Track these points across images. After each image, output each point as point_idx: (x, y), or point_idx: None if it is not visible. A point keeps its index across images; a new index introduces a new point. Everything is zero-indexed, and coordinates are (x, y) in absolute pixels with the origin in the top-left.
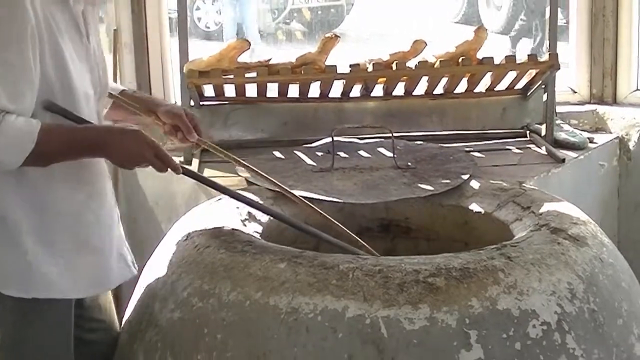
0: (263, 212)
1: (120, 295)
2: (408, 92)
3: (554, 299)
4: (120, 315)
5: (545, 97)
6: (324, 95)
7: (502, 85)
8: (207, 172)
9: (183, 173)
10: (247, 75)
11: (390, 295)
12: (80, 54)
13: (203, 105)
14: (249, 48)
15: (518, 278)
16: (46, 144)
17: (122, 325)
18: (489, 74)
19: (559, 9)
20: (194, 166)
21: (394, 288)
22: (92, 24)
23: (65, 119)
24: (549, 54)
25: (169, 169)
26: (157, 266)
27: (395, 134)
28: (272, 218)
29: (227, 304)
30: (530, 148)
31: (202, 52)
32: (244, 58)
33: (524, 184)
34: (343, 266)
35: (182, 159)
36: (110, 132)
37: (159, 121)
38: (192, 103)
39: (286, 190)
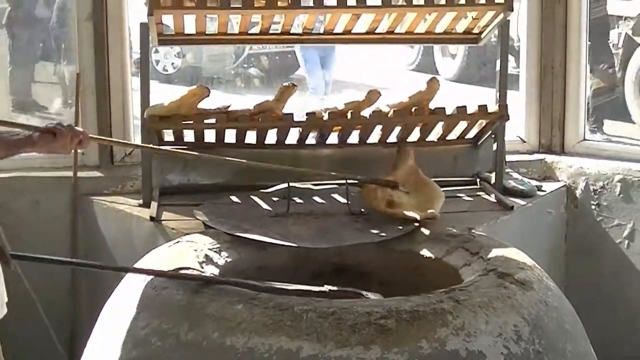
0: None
1: (79, 332)
2: (362, 140)
3: (501, 340)
4: (79, 353)
5: (495, 146)
6: (280, 142)
7: (453, 135)
8: (166, 215)
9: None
10: (206, 121)
11: (343, 336)
12: None
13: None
14: (208, 95)
15: (466, 320)
16: None
17: None
18: (440, 124)
19: (513, 58)
20: (152, 210)
21: (347, 329)
22: None
23: None
24: (499, 105)
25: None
26: (116, 306)
27: (349, 181)
28: (228, 260)
29: (185, 343)
30: (480, 196)
31: (160, 95)
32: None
33: (473, 231)
34: (297, 308)
35: (140, 201)
36: None
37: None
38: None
39: None
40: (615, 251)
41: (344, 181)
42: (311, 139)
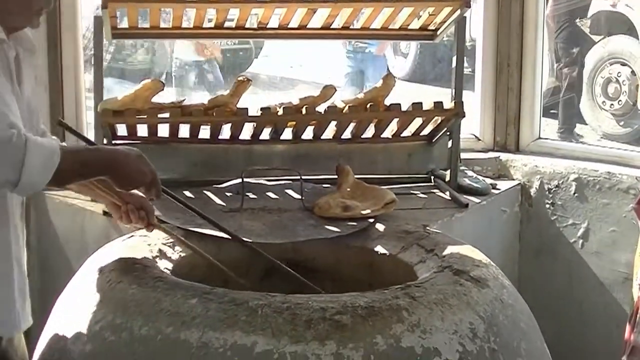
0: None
1: (30, 330)
2: (316, 136)
3: (456, 337)
4: (31, 349)
5: (450, 143)
6: (234, 137)
7: (408, 131)
8: None
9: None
10: (160, 115)
11: (298, 331)
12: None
13: (115, 144)
14: (162, 89)
15: (421, 317)
16: (65, 162)
17: (34, 359)
18: (395, 120)
19: (466, 58)
20: None
21: (302, 325)
22: (27, 72)
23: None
24: (454, 102)
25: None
26: (69, 301)
27: (303, 177)
28: (181, 255)
29: (139, 338)
30: (434, 193)
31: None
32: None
33: (428, 228)
34: (252, 303)
35: None
36: (118, 153)
37: (119, 201)
38: (105, 141)
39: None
40: (569, 250)
41: (298, 177)
42: (265, 135)
